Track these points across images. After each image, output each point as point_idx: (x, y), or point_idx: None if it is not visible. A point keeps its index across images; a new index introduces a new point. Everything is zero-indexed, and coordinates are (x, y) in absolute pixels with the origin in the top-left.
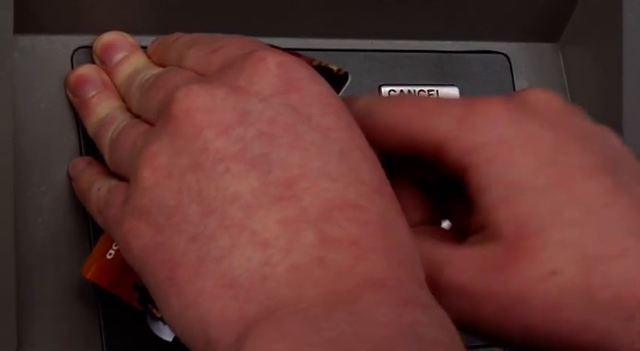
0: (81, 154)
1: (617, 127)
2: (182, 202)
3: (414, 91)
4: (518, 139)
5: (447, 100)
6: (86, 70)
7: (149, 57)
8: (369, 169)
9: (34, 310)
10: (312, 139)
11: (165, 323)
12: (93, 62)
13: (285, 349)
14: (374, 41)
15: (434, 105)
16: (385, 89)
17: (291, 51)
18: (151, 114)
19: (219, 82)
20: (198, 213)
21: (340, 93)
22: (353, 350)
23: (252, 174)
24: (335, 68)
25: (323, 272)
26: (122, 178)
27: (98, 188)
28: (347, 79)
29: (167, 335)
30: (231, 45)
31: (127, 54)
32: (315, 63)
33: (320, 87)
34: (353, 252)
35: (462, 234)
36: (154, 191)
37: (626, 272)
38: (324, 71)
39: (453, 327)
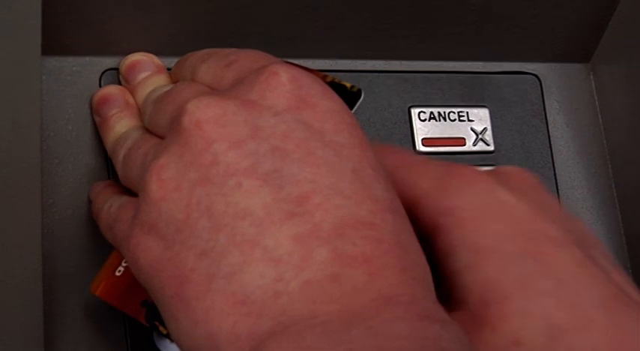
0: (108, 176)
1: None
2: (191, 216)
3: (445, 112)
4: (492, 207)
5: (431, 160)
6: (110, 90)
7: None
8: (381, 188)
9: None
10: (325, 156)
11: (172, 341)
12: (120, 84)
13: None
14: (404, 62)
15: (417, 162)
16: (415, 110)
17: (304, 68)
18: (161, 127)
19: (230, 96)
20: (208, 228)
21: (353, 110)
22: None
23: (265, 189)
24: (348, 85)
25: (338, 288)
26: (134, 194)
27: (110, 205)
28: (360, 96)
29: None
30: (245, 59)
31: (151, 74)
32: (328, 79)
33: (333, 103)
34: (367, 269)
35: None
36: (161, 204)
37: (592, 344)
38: (337, 88)
39: (470, 343)
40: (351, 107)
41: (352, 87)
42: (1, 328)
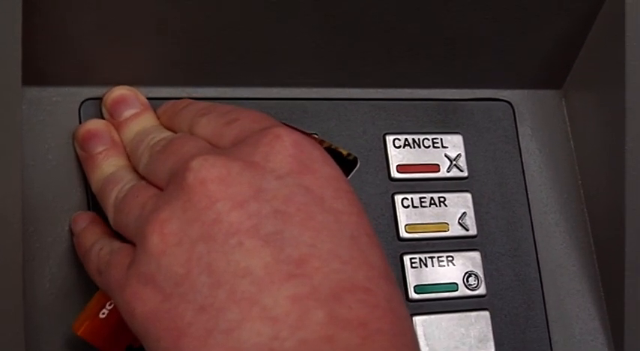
0: (88, 207)
1: (620, 172)
2: (191, 271)
3: (419, 139)
4: None
5: None
6: (95, 125)
7: (158, 118)
8: (376, 255)
9: None
10: (325, 221)
11: None
12: (101, 114)
13: None
14: (378, 90)
15: None
16: (390, 137)
17: (302, 131)
18: (159, 178)
19: (234, 156)
20: (208, 284)
21: (349, 177)
22: None
23: (266, 250)
24: (344, 152)
25: (331, 349)
26: (125, 240)
27: (100, 248)
28: (356, 164)
29: None
30: (246, 118)
31: (138, 112)
32: (325, 145)
33: (332, 170)
34: (361, 333)
35: None
36: (162, 258)
37: None
38: (333, 154)
39: None
40: (346, 174)
41: (348, 155)
42: None
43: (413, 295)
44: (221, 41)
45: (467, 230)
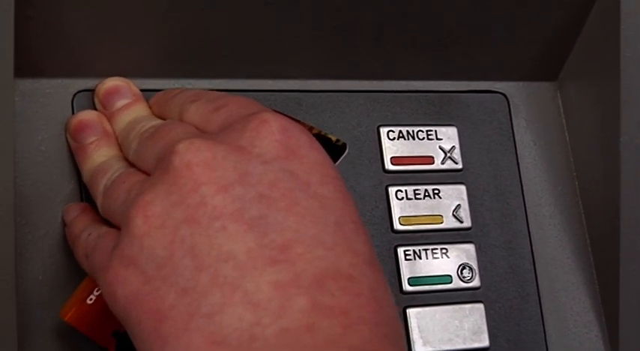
0: (81, 198)
1: (615, 165)
2: (174, 254)
3: (413, 131)
4: None
5: None
6: (88, 115)
7: (150, 108)
8: (361, 241)
9: None
10: (310, 207)
11: None
12: (93, 106)
13: None
14: (372, 82)
15: None
16: (384, 129)
17: (292, 118)
18: (147, 163)
19: (221, 140)
20: (191, 267)
21: (337, 163)
22: None
23: (249, 234)
24: (333, 138)
25: (312, 339)
26: (113, 226)
27: (88, 234)
28: (345, 150)
29: None
30: (234, 104)
31: (130, 102)
32: (314, 131)
33: (319, 156)
34: (342, 321)
35: None
36: (145, 240)
37: None
38: (322, 140)
39: None
40: (334, 160)
41: (337, 141)
42: None
43: (407, 287)
44: (215, 33)
45: (461, 222)
